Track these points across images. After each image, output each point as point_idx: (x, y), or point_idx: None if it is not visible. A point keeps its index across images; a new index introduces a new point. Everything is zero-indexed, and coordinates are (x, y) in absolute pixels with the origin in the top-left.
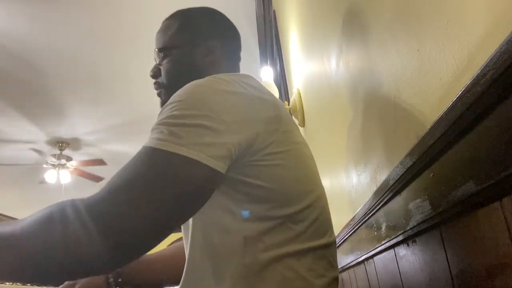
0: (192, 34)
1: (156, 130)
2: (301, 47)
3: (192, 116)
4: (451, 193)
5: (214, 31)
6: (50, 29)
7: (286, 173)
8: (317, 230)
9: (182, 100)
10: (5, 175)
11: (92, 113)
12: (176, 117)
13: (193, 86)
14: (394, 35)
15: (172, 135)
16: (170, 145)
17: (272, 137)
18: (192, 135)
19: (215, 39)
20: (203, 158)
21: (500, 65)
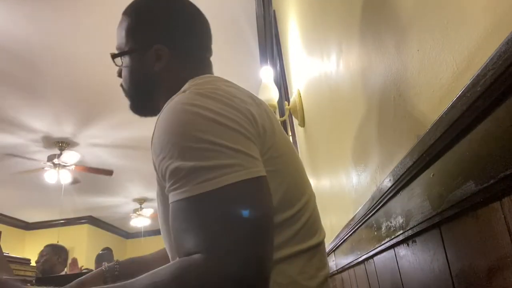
0: (139, 37)
1: (187, 177)
2: (301, 47)
3: (219, 136)
4: (451, 193)
5: (159, 31)
6: (50, 30)
7: (284, 178)
8: (308, 231)
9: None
10: (5, 175)
11: (92, 113)
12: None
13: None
14: (394, 35)
15: (211, 171)
16: (232, 177)
17: (271, 140)
18: (240, 156)
19: (161, 42)
20: (260, 171)
21: (500, 65)
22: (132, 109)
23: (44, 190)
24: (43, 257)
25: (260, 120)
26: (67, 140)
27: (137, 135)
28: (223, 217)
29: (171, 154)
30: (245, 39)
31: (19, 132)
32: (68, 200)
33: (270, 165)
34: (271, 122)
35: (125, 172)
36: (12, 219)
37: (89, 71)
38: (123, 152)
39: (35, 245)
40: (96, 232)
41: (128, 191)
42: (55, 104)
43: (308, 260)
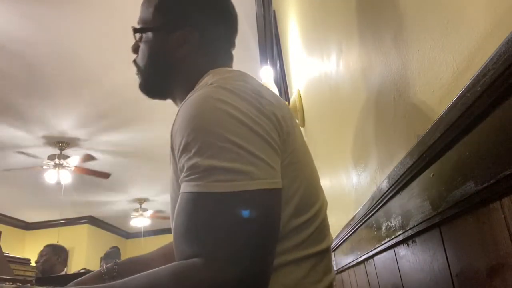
0: (169, 16)
1: (204, 173)
2: (301, 47)
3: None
4: (451, 193)
5: (193, 16)
6: (50, 30)
7: (301, 183)
8: (318, 236)
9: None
10: (5, 174)
11: (93, 113)
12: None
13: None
14: (394, 35)
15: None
16: (244, 184)
17: (291, 146)
18: (257, 163)
19: (194, 27)
20: (276, 183)
21: (500, 65)
22: (141, 88)
23: (44, 190)
24: (43, 257)
25: (284, 124)
26: (68, 140)
27: (138, 136)
28: (229, 223)
29: (192, 146)
30: (245, 39)
31: (19, 131)
32: (68, 200)
33: (290, 171)
34: (293, 126)
35: (125, 172)
36: (12, 219)
37: (90, 71)
38: (124, 152)
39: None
40: (96, 232)
41: (128, 191)
42: (56, 104)
43: (316, 265)
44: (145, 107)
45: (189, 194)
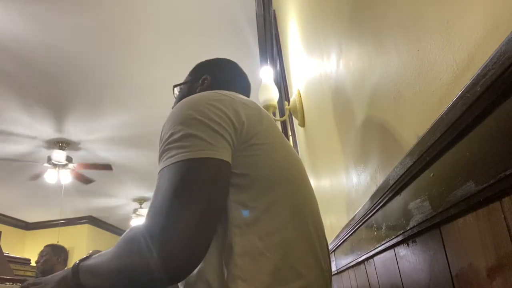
0: (195, 74)
1: (166, 152)
2: (301, 47)
3: (188, 126)
4: (451, 193)
5: (209, 69)
6: (52, 30)
7: (266, 162)
8: (292, 219)
9: (174, 120)
10: (5, 175)
11: (93, 113)
12: (175, 134)
13: (179, 105)
14: (394, 35)
15: (180, 148)
16: (183, 155)
17: (254, 129)
18: (194, 141)
19: (208, 74)
20: (213, 154)
21: (500, 65)
22: None
23: (44, 190)
24: (43, 257)
25: (244, 116)
26: (68, 140)
27: (139, 136)
28: (164, 192)
29: (163, 139)
30: (245, 39)
31: (19, 131)
32: (68, 200)
33: (255, 150)
34: (258, 119)
35: (125, 172)
36: (12, 219)
37: (89, 71)
38: (124, 152)
39: (35, 245)
40: (96, 232)
41: (128, 191)
42: (56, 104)
43: (291, 251)
44: (147, 109)
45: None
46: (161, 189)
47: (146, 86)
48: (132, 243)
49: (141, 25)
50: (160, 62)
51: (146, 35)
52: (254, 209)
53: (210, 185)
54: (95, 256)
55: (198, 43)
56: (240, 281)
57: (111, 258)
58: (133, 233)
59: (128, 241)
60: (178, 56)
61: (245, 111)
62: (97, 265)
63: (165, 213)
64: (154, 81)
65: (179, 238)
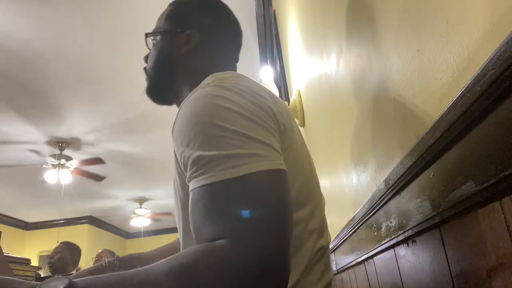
0: (176, 22)
1: (211, 164)
2: (301, 47)
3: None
4: (451, 193)
5: (196, 20)
6: (49, 29)
7: (297, 178)
8: (318, 232)
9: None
10: (5, 175)
11: (92, 113)
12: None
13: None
14: (394, 35)
15: (247, 157)
16: (256, 166)
17: (288, 140)
18: (264, 148)
19: (195, 29)
20: (273, 164)
21: (500, 65)
22: (147, 93)
23: (44, 190)
24: (58, 253)
25: (280, 118)
26: (68, 140)
27: (139, 136)
28: (246, 203)
29: (194, 142)
30: (245, 39)
31: (19, 131)
32: (68, 200)
33: (288, 163)
34: (289, 121)
35: (125, 172)
36: (12, 219)
37: (90, 71)
38: (124, 152)
39: (35, 245)
40: (96, 232)
41: (128, 191)
42: (56, 104)
43: (315, 263)
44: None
45: (201, 188)
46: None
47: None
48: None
49: (140, 24)
50: None
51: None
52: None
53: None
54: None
55: None
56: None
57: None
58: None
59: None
60: None
61: (283, 118)
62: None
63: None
64: None
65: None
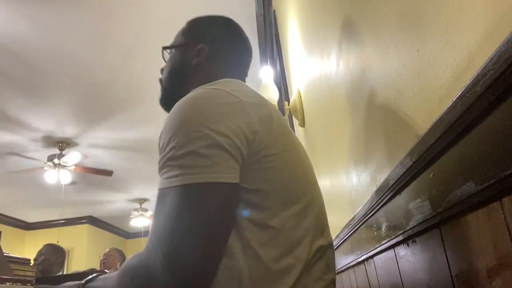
0: (190, 37)
1: (167, 168)
2: (301, 47)
3: (191, 141)
4: (451, 193)
5: (208, 36)
6: (51, 30)
7: (280, 175)
8: (316, 230)
9: (177, 128)
10: (5, 175)
11: (93, 113)
12: (178, 148)
13: (182, 108)
14: (394, 35)
15: (183, 168)
16: (187, 178)
17: (266, 138)
18: (198, 160)
19: (206, 44)
20: (220, 178)
21: (500, 65)
22: (160, 102)
23: (44, 190)
24: (42, 255)
25: (257, 123)
26: (67, 140)
27: (138, 136)
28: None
29: (162, 149)
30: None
31: (19, 131)
32: (68, 200)
33: (267, 162)
34: (270, 123)
35: (125, 172)
36: (12, 219)
37: (90, 71)
38: (123, 152)
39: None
40: (96, 232)
41: (128, 191)
42: (56, 104)
43: (314, 262)
44: (146, 109)
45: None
46: (162, 214)
47: (146, 86)
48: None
49: (142, 25)
50: (158, 62)
51: (146, 35)
52: (267, 228)
53: (215, 212)
54: (100, 278)
55: None
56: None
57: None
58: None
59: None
60: None
61: (257, 115)
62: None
63: (165, 246)
64: (154, 81)
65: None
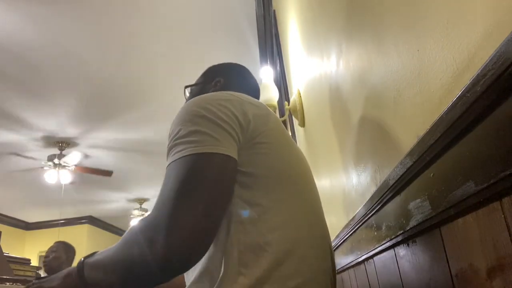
0: (207, 76)
1: (174, 147)
2: (301, 47)
3: (195, 123)
4: (451, 193)
5: (221, 72)
6: (51, 30)
7: (271, 162)
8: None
9: (184, 118)
10: (5, 174)
11: (93, 113)
12: (183, 130)
13: (189, 105)
14: (394, 35)
15: (187, 144)
16: (191, 150)
17: (260, 128)
18: (202, 137)
19: (220, 77)
20: (220, 149)
21: (500, 65)
22: None
23: (44, 190)
24: (53, 253)
25: (251, 115)
26: (68, 140)
27: (138, 137)
28: (171, 185)
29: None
30: (245, 39)
31: (19, 131)
32: (68, 200)
33: (260, 149)
34: (265, 119)
35: (125, 172)
36: (12, 219)
37: (91, 71)
38: (123, 152)
39: (35, 245)
40: (96, 232)
41: (128, 191)
42: (56, 104)
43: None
44: (146, 109)
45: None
46: (168, 183)
47: (146, 87)
48: (136, 234)
49: (142, 26)
50: (160, 63)
51: (147, 36)
52: (258, 207)
53: (216, 179)
54: (99, 252)
55: (198, 43)
56: (240, 274)
57: (115, 251)
58: (138, 225)
59: (132, 232)
60: (178, 57)
61: (252, 111)
62: (102, 260)
63: (170, 205)
64: (155, 81)
65: (182, 230)
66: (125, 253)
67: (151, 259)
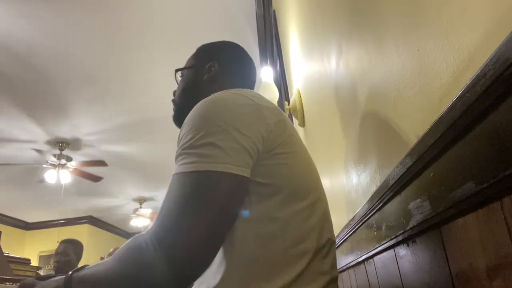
0: (199, 58)
1: (184, 156)
2: (301, 47)
3: (211, 134)
4: (451, 193)
5: (217, 55)
6: (51, 29)
7: (293, 171)
8: (322, 227)
9: (197, 122)
10: (5, 174)
11: (93, 113)
12: (196, 139)
13: (202, 106)
14: (394, 35)
15: (199, 157)
16: (201, 165)
17: (280, 138)
18: (215, 151)
19: (215, 61)
20: (233, 169)
21: (500, 65)
22: (174, 120)
23: (44, 190)
24: (64, 256)
25: (272, 124)
26: (68, 140)
27: (138, 136)
28: (176, 198)
29: (180, 141)
30: (245, 39)
31: (19, 131)
32: (68, 200)
33: (280, 159)
34: (283, 125)
35: (125, 173)
36: (12, 219)
37: (91, 71)
38: (124, 153)
39: (35, 245)
40: (96, 232)
41: (128, 191)
42: (56, 104)
43: (319, 258)
44: (148, 110)
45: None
46: (173, 195)
47: (146, 86)
48: (137, 248)
49: (141, 25)
50: (159, 62)
51: (146, 35)
52: (277, 220)
53: (223, 200)
54: (90, 266)
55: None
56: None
57: (111, 267)
58: (137, 240)
59: (132, 248)
60: (178, 57)
61: (272, 118)
62: (94, 275)
63: (174, 219)
64: (154, 81)
65: (185, 245)
66: (124, 269)
67: (153, 273)
